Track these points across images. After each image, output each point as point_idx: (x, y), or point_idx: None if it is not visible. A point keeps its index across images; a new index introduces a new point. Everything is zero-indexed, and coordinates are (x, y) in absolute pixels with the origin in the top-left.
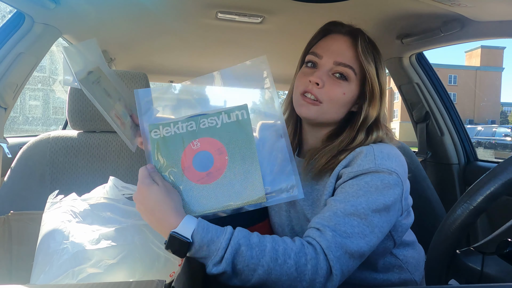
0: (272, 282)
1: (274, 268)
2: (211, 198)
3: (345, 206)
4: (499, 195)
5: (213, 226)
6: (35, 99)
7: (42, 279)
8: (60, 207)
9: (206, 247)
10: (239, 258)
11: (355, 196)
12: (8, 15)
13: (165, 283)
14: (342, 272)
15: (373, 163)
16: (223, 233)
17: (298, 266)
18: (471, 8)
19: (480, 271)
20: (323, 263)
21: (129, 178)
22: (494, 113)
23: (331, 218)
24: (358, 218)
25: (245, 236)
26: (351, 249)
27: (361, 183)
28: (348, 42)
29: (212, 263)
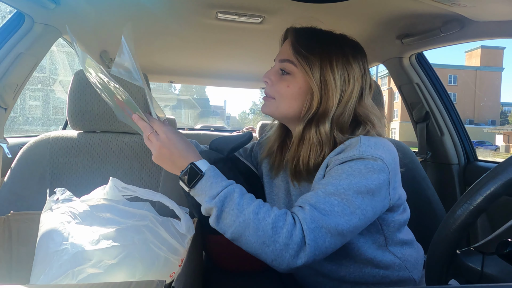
0: (249, 234)
1: (253, 220)
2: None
3: (326, 187)
4: (499, 195)
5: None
6: (35, 99)
7: (42, 279)
8: (59, 208)
9: (210, 183)
10: (230, 201)
11: (337, 179)
12: (8, 15)
13: (165, 283)
14: (316, 245)
15: (358, 150)
16: (226, 179)
17: (274, 226)
18: (471, 8)
19: (480, 271)
20: (298, 232)
21: (129, 178)
22: (494, 113)
23: (312, 197)
24: (339, 198)
25: (242, 188)
26: (328, 225)
27: (345, 167)
28: (288, 41)
29: (208, 196)
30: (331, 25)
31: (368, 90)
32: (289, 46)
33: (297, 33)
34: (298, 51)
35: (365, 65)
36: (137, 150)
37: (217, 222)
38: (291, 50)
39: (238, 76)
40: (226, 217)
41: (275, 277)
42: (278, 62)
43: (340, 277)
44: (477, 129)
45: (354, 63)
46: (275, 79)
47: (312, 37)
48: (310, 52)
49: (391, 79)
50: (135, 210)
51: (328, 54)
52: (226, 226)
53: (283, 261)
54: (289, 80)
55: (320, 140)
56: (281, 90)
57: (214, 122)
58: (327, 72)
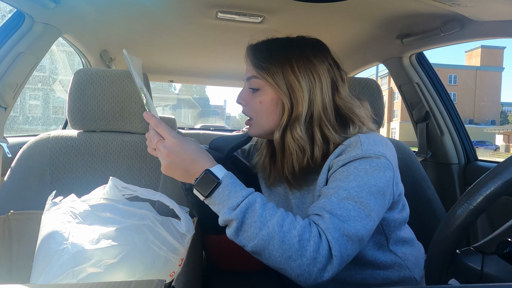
0: (273, 248)
1: (278, 233)
2: None
3: (338, 191)
4: (499, 195)
5: (239, 181)
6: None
7: (43, 279)
8: (60, 208)
9: (228, 192)
10: (251, 212)
11: (346, 181)
12: (8, 15)
13: (165, 283)
14: (341, 255)
15: (360, 149)
16: (245, 187)
17: (301, 239)
18: (471, 8)
19: (480, 271)
20: (325, 243)
21: (129, 178)
22: (494, 113)
23: (326, 204)
24: (353, 202)
25: (262, 198)
26: (348, 232)
27: (350, 169)
28: (248, 58)
29: (228, 207)
30: (331, 25)
31: (341, 81)
32: (250, 63)
33: (253, 49)
34: (258, 65)
35: (330, 60)
36: (137, 150)
37: (236, 235)
38: (252, 66)
39: (238, 75)
40: (248, 230)
41: (275, 277)
42: (245, 81)
43: (341, 280)
44: (477, 129)
45: (316, 60)
46: (248, 98)
47: (268, 48)
48: (269, 63)
49: (391, 79)
50: (135, 210)
51: (287, 59)
52: (248, 239)
53: (310, 276)
54: (260, 95)
55: (298, 144)
56: (255, 107)
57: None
58: (290, 76)
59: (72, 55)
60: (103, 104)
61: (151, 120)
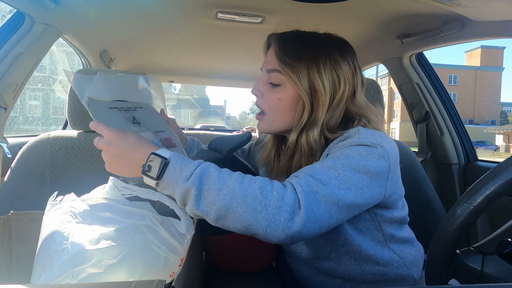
0: (236, 205)
1: (239, 189)
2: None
3: (323, 163)
4: (499, 195)
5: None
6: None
7: (43, 279)
8: (60, 208)
9: (179, 167)
10: (207, 177)
11: (335, 158)
12: (8, 15)
13: (165, 283)
14: (312, 209)
15: (357, 138)
16: (195, 161)
17: (263, 190)
18: (471, 8)
19: (480, 271)
20: (291, 194)
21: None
22: (494, 113)
23: (308, 168)
24: (336, 172)
25: (216, 165)
26: (324, 191)
27: (344, 150)
28: (273, 48)
29: (181, 177)
30: (331, 25)
31: (361, 87)
32: (273, 54)
33: (280, 40)
34: (283, 60)
35: (355, 63)
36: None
37: (197, 205)
38: (276, 59)
39: (238, 76)
40: (208, 195)
41: (275, 277)
42: (265, 72)
43: (340, 275)
44: (477, 129)
45: (343, 62)
46: (265, 91)
47: (296, 42)
48: (295, 59)
49: (391, 79)
50: (135, 210)
51: (314, 57)
52: (210, 204)
53: (278, 226)
54: (280, 91)
55: (311, 147)
56: (272, 103)
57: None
58: (315, 77)
59: (72, 55)
60: None
61: (92, 126)
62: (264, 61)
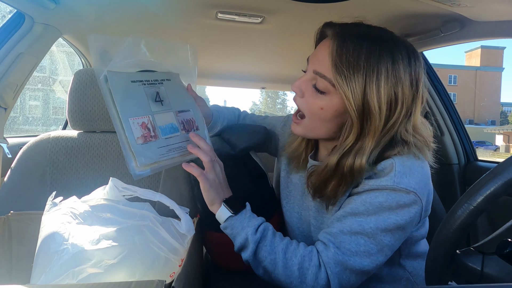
0: (278, 273)
1: (283, 259)
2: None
3: (352, 224)
4: (499, 195)
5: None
6: (35, 99)
7: (43, 280)
8: (60, 209)
9: (249, 216)
10: (265, 239)
11: (365, 214)
12: (8, 15)
13: (165, 283)
14: (341, 286)
15: (392, 180)
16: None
17: (301, 267)
18: (471, 8)
19: (480, 271)
20: (323, 275)
21: (129, 178)
22: (494, 113)
23: (337, 235)
24: (365, 237)
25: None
26: (352, 267)
27: (374, 201)
28: (331, 48)
29: (251, 228)
30: None
31: (419, 106)
32: (328, 56)
33: (339, 40)
34: (339, 70)
35: (418, 75)
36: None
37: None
38: (330, 65)
39: (238, 76)
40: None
41: None
42: (311, 71)
43: None
44: (477, 129)
45: (406, 79)
46: (308, 92)
47: (358, 45)
48: (353, 71)
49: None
50: (135, 210)
51: (376, 70)
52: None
53: None
54: (324, 100)
55: (353, 175)
56: (313, 110)
57: None
58: (372, 97)
59: (72, 55)
60: (103, 105)
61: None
62: (314, 56)
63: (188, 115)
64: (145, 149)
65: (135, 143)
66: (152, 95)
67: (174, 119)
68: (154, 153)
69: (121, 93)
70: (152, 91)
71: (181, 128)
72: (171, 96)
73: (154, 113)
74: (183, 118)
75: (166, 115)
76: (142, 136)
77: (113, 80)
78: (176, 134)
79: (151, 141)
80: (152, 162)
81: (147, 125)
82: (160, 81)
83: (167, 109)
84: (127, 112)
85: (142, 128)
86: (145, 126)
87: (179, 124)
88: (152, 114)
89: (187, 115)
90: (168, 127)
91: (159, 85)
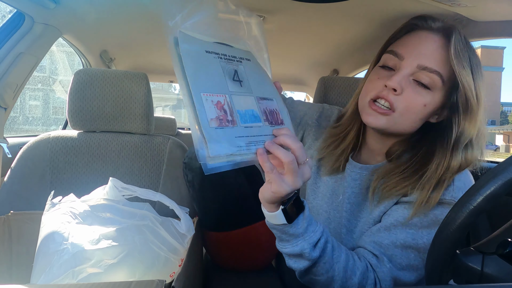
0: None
1: (342, 277)
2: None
3: (405, 238)
4: (499, 195)
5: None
6: (35, 99)
7: (43, 279)
8: (60, 209)
9: (306, 227)
10: (324, 256)
11: (417, 226)
12: (8, 15)
13: (165, 283)
14: None
15: (450, 194)
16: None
17: (360, 286)
18: (471, 8)
19: (480, 271)
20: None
21: (129, 178)
22: (494, 113)
23: (388, 247)
24: (416, 251)
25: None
26: (401, 280)
27: (430, 214)
28: (439, 41)
29: (309, 243)
30: (331, 25)
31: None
32: (442, 52)
33: (449, 33)
34: (460, 65)
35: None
36: (137, 150)
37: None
38: (443, 59)
39: None
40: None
41: (276, 276)
42: (413, 66)
43: None
44: None
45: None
46: (407, 88)
47: (465, 44)
48: (469, 67)
49: None
50: (135, 210)
51: (477, 67)
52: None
53: None
54: (427, 96)
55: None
56: (414, 107)
57: None
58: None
59: (72, 55)
60: (103, 105)
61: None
62: (418, 52)
63: (271, 104)
64: (221, 135)
65: (208, 126)
66: (230, 72)
67: (255, 106)
68: (231, 143)
69: (193, 62)
70: (230, 67)
71: (263, 118)
72: (251, 78)
73: (232, 93)
74: (266, 107)
75: (247, 99)
76: (217, 118)
77: (185, 44)
78: (258, 125)
79: (228, 127)
80: (229, 153)
81: (223, 106)
82: (238, 59)
83: (247, 92)
84: (200, 86)
85: (217, 109)
86: (221, 107)
87: (261, 113)
88: (230, 94)
89: (271, 104)
90: (248, 114)
91: (237, 63)
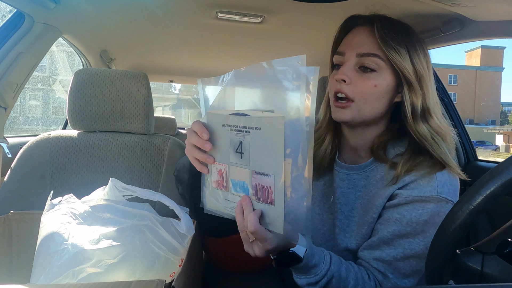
0: None
1: None
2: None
3: (404, 250)
4: (499, 195)
5: (317, 250)
6: (35, 99)
7: (43, 279)
8: (60, 209)
9: (308, 268)
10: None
11: (413, 234)
12: (8, 15)
13: (165, 283)
14: None
15: (435, 190)
16: (323, 261)
17: None
18: (471, 8)
19: (480, 271)
20: None
21: (129, 178)
22: (494, 113)
23: (391, 263)
24: (417, 258)
25: (338, 270)
26: (403, 284)
27: (421, 217)
28: (368, 31)
29: (307, 281)
30: (331, 25)
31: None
32: (369, 37)
33: (378, 21)
34: (388, 44)
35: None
36: (137, 150)
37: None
38: (376, 43)
39: None
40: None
41: (276, 277)
42: (354, 56)
43: None
44: (477, 129)
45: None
46: (354, 77)
47: (393, 25)
48: (399, 44)
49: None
50: (135, 210)
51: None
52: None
53: None
54: (375, 78)
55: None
56: (366, 90)
57: None
58: (418, 63)
59: (72, 55)
60: (103, 104)
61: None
62: (350, 43)
63: (266, 181)
64: (217, 193)
65: (210, 185)
66: (235, 144)
67: (247, 179)
68: (219, 202)
69: (213, 136)
70: (236, 139)
71: (252, 192)
72: (253, 151)
73: (232, 164)
74: (259, 182)
75: (241, 171)
76: (217, 181)
77: (210, 121)
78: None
79: (222, 190)
80: (215, 209)
81: (222, 173)
82: (247, 129)
83: (244, 164)
84: (215, 155)
85: (218, 174)
86: (221, 174)
87: (251, 187)
88: (229, 164)
89: (265, 181)
90: (239, 184)
91: (245, 134)
